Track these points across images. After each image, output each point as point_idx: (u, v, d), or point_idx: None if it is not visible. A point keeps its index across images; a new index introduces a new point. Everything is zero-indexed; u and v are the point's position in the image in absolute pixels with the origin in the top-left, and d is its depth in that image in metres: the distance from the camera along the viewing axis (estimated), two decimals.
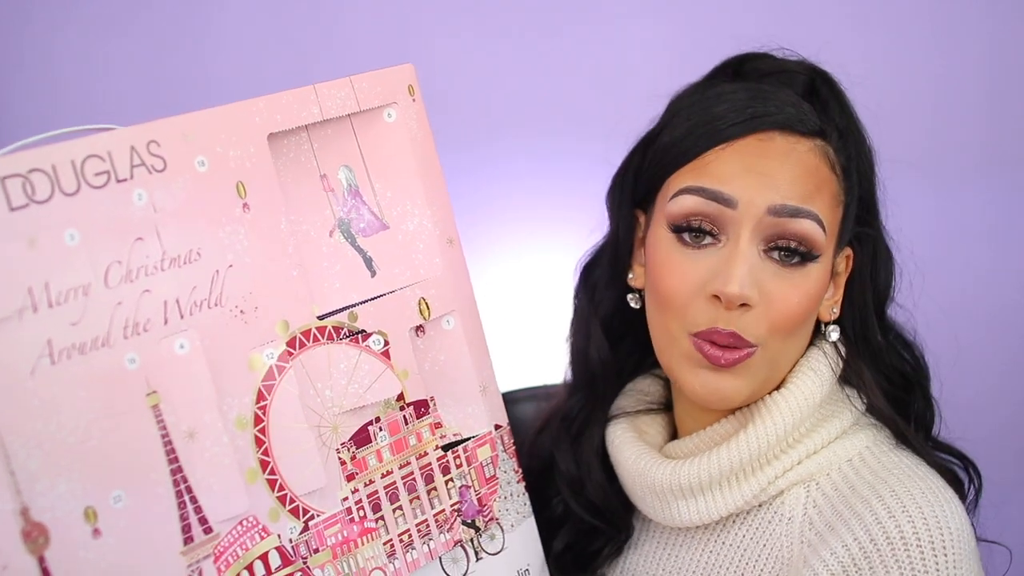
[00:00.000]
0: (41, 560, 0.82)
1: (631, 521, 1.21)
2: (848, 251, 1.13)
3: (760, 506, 1.11)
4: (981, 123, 2.04)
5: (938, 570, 1.00)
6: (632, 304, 1.17)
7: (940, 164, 2.03)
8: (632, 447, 1.16)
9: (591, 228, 1.22)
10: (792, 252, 1.06)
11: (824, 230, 1.06)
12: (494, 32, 2.03)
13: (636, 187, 1.14)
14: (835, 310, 1.13)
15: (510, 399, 1.88)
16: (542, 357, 1.29)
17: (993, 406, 1.97)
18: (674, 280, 1.07)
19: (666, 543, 1.18)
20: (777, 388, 1.12)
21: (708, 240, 1.07)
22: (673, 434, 1.21)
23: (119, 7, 1.95)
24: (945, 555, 1.00)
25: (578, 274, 1.23)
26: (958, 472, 1.14)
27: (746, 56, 1.15)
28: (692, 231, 1.07)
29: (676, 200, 1.07)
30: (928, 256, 1.13)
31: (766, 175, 1.05)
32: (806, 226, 1.05)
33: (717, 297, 1.05)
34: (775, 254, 1.06)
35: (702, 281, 1.06)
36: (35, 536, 0.82)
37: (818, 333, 1.14)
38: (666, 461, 1.13)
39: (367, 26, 2.01)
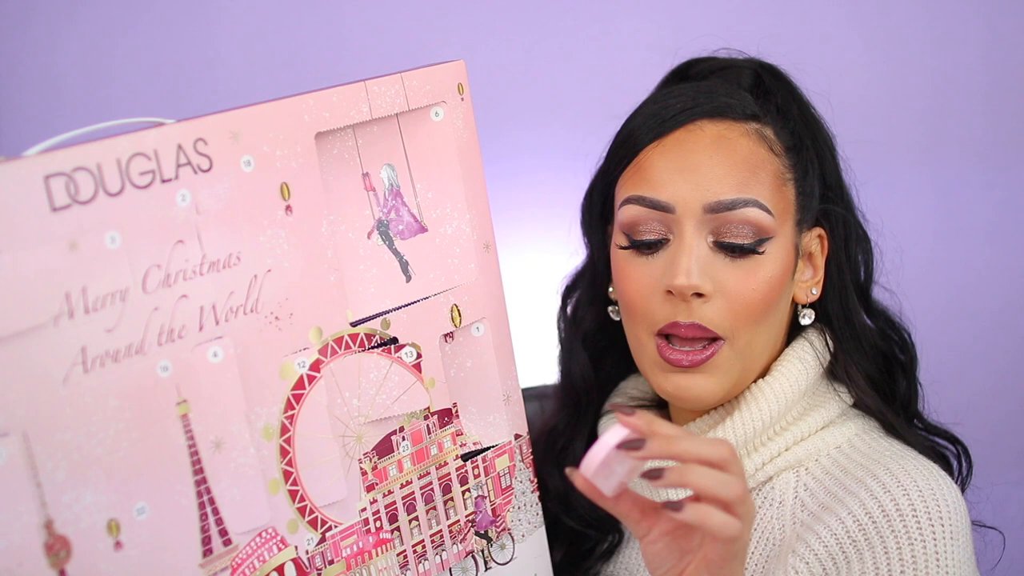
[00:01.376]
0: (62, 574, 0.80)
1: (619, 527, 1.22)
2: (819, 231, 1.13)
3: (750, 492, 1.11)
4: (980, 118, 2.04)
5: (935, 541, 1.00)
6: (613, 316, 1.19)
7: (940, 158, 2.02)
8: None
9: None
10: (739, 246, 1.06)
11: (769, 212, 1.07)
12: (488, 30, 2.01)
13: (600, 202, 1.16)
14: (814, 291, 1.14)
15: None
16: (542, 357, 1.28)
17: (993, 405, 1.98)
18: (632, 284, 1.09)
19: None
20: (763, 376, 1.12)
21: (659, 243, 1.08)
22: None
23: (120, 8, 1.92)
24: (942, 526, 1.01)
25: (560, 296, 1.26)
26: (948, 456, 1.15)
27: (692, 61, 1.18)
28: (642, 240, 1.09)
29: (623, 210, 1.10)
30: (928, 254, 1.12)
31: (696, 172, 1.06)
32: (748, 213, 1.06)
33: (672, 292, 1.07)
34: (725, 246, 1.07)
35: (657, 281, 1.08)
36: (57, 550, 0.80)
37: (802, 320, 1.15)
38: None
39: (368, 27, 1.99)
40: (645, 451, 0.86)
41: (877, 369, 1.15)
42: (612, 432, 0.88)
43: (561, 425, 1.24)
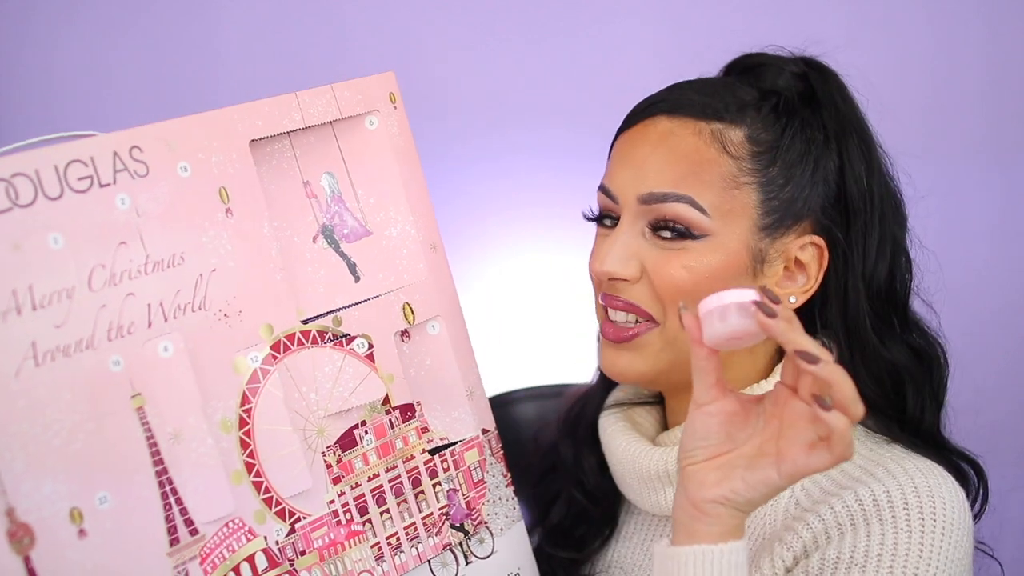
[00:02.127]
0: (27, 560, 0.83)
1: (618, 512, 1.23)
2: (814, 239, 1.11)
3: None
4: (982, 116, 2.05)
5: (922, 533, 0.99)
6: None
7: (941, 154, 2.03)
8: (624, 436, 1.18)
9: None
10: (670, 230, 1.09)
11: (703, 211, 1.08)
12: (488, 29, 2.04)
13: None
14: (792, 299, 1.11)
15: (510, 399, 1.90)
16: (542, 357, 1.30)
17: (993, 405, 1.97)
18: (589, 263, 1.14)
19: (653, 532, 1.19)
20: (766, 377, 1.13)
21: (613, 226, 1.13)
22: (666, 426, 1.22)
23: (120, 8, 1.96)
24: (933, 521, 1.00)
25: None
26: (964, 470, 1.13)
27: (745, 55, 1.18)
28: (603, 221, 1.14)
29: (597, 195, 1.15)
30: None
31: (637, 164, 1.10)
32: (678, 208, 1.08)
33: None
34: (663, 232, 1.09)
35: None
36: (20, 536, 0.83)
37: (814, 330, 1.13)
38: (656, 448, 1.15)
39: (365, 28, 2.02)
40: (775, 321, 0.85)
41: (883, 388, 1.13)
42: (742, 291, 0.87)
43: (579, 404, 1.29)
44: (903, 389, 1.14)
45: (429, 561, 1.07)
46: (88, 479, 0.86)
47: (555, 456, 1.29)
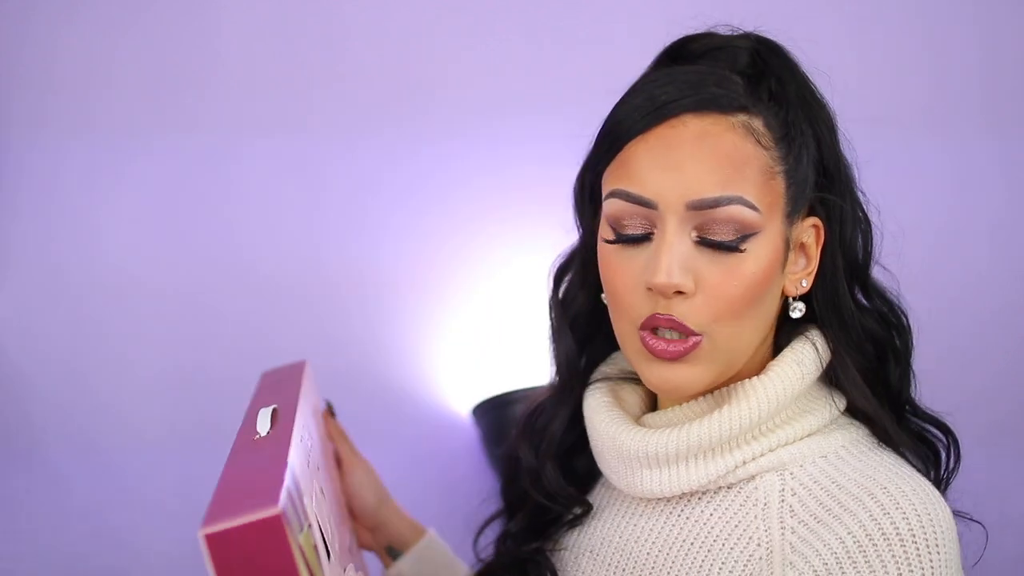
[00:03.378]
0: None
1: (587, 501, 1.23)
2: (814, 220, 1.12)
3: (729, 488, 1.12)
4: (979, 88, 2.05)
5: (932, 566, 1.01)
6: (605, 301, 1.18)
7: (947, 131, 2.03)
8: (607, 412, 1.18)
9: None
10: (722, 243, 1.06)
11: (755, 208, 1.06)
12: (489, 29, 2.04)
13: (589, 187, 1.17)
14: (804, 283, 1.12)
15: (510, 399, 1.90)
16: (542, 357, 1.30)
17: (993, 405, 1.97)
18: (617, 278, 1.10)
19: (627, 512, 1.19)
20: (759, 372, 1.13)
21: (643, 237, 1.08)
22: (652, 406, 1.22)
23: (120, 8, 1.95)
24: (938, 552, 1.02)
25: (551, 278, 1.26)
26: (939, 447, 1.15)
27: (687, 38, 1.16)
28: (627, 235, 1.09)
29: (608, 203, 1.10)
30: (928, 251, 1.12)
31: (678, 169, 1.06)
32: (732, 211, 1.05)
33: (652, 290, 1.07)
34: (708, 243, 1.07)
35: (639, 276, 1.08)
36: None
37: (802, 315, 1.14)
38: (638, 429, 1.14)
39: (364, 26, 2.01)
40: None
41: (867, 357, 1.15)
42: None
43: (547, 405, 1.26)
44: (886, 357, 1.15)
45: None
46: None
47: (516, 466, 1.28)
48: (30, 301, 1.91)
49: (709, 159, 1.06)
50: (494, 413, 1.91)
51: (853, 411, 1.15)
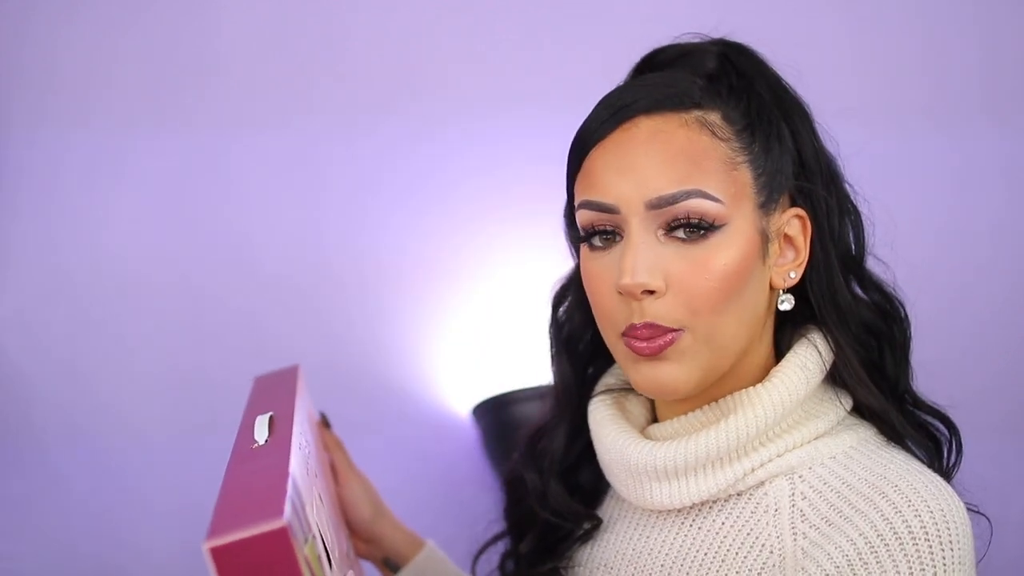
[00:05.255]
0: None
1: (596, 515, 1.23)
2: (796, 211, 1.12)
3: (739, 495, 1.12)
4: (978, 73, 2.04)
5: (945, 564, 1.01)
6: None
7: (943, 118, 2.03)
8: (613, 424, 1.18)
9: None
10: (688, 227, 1.07)
11: (716, 199, 1.07)
12: (489, 29, 2.04)
13: (572, 207, 1.17)
14: (792, 275, 1.12)
15: (510, 399, 1.90)
16: (542, 357, 1.29)
17: (993, 405, 1.97)
18: (593, 286, 1.11)
19: (639, 525, 1.18)
20: (762, 378, 1.12)
21: (611, 240, 1.10)
22: (656, 415, 1.22)
23: (120, 8, 1.95)
24: (951, 548, 1.01)
25: (551, 303, 1.27)
26: (940, 440, 1.15)
27: (657, 50, 1.18)
28: (593, 238, 1.10)
29: (579, 214, 1.11)
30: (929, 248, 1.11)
31: (633, 170, 1.07)
32: (691, 205, 1.06)
33: (622, 293, 1.08)
34: (678, 232, 1.07)
35: (611, 280, 1.09)
36: None
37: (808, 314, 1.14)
38: (644, 442, 1.14)
39: (364, 24, 2.01)
40: None
41: (868, 351, 1.15)
42: None
43: (548, 427, 1.27)
44: (883, 348, 1.15)
45: None
46: None
47: (519, 487, 1.29)
48: (30, 301, 1.91)
49: (662, 156, 1.07)
50: (494, 413, 1.91)
51: (859, 410, 1.15)
